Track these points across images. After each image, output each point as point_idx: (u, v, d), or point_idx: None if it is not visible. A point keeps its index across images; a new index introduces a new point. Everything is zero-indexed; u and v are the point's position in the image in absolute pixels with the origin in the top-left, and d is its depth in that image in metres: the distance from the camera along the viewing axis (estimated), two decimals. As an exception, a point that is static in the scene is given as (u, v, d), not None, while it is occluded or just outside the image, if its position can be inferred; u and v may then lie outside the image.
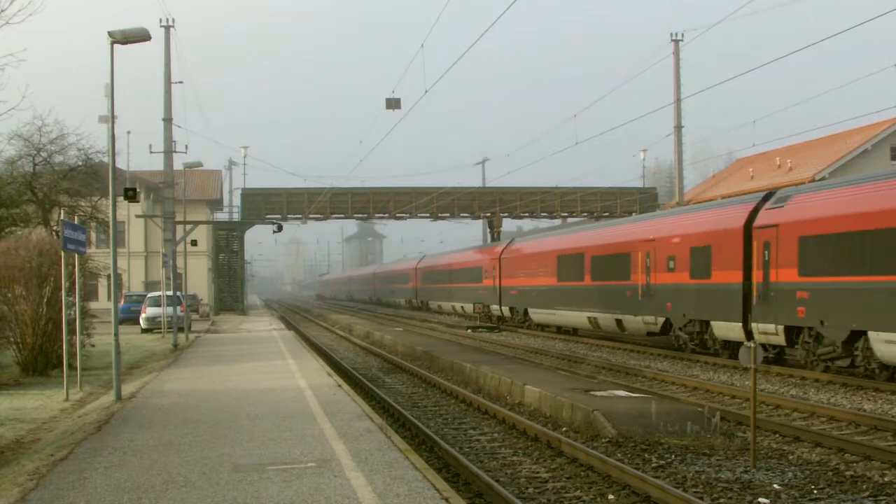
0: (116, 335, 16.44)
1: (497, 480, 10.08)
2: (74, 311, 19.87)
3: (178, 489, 8.61)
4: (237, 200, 67.62)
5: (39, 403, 16.70)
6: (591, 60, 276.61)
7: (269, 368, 20.90)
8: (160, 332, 36.64)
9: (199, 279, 60.82)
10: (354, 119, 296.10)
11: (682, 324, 24.25)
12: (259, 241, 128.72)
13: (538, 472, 10.83)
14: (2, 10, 17.53)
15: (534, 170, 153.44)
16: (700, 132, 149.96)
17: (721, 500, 9.29)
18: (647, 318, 26.13)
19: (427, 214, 62.39)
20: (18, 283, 20.93)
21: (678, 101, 49.53)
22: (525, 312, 37.72)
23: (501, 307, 41.32)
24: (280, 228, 46.36)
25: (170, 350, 28.43)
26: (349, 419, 12.78)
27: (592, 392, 14.99)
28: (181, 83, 78.75)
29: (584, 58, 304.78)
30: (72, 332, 19.06)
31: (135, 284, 58.78)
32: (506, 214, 62.97)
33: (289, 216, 60.63)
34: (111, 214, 17.58)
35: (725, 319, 21.85)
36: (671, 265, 24.70)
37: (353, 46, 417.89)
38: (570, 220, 65.14)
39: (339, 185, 61.20)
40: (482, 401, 16.15)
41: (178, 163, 46.60)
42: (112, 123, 17.40)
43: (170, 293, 34.81)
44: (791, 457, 11.49)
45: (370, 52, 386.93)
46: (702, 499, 9.24)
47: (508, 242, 44.56)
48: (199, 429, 12.16)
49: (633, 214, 52.94)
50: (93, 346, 23.53)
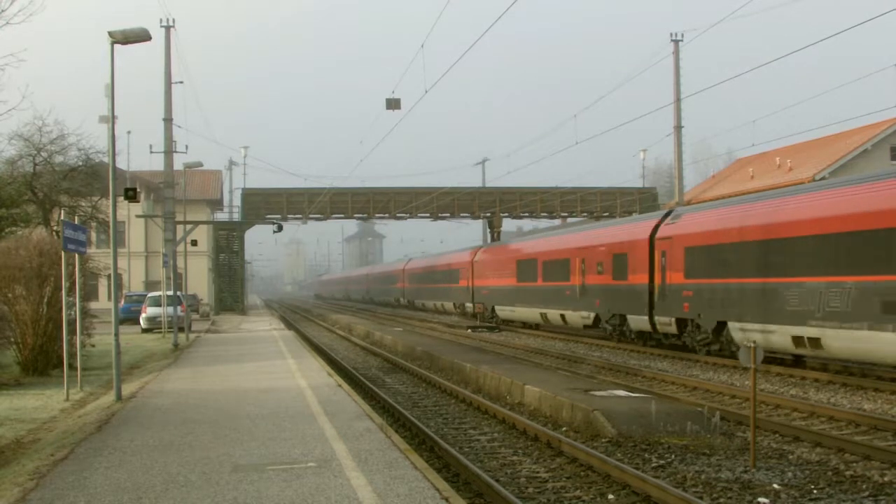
0: (116, 335, 16.44)
1: (497, 480, 10.08)
2: (75, 311, 19.88)
3: (179, 489, 8.61)
4: (237, 200, 67.73)
5: (39, 403, 16.70)
6: (591, 60, 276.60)
7: (270, 368, 20.91)
8: (160, 332, 36.66)
9: (200, 279, 60.85)
10: (354, 119, 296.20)
11: (608, 317, 28.95)
12: (259, 241, 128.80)
13: (538, 472, 10.84)
14: (2, 10, 17.55)
15: (534, 170, 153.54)
16: (700, 132, 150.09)
17: (721, 500, 9.30)
18: (583, 314, 30.95)
19: (427, 214, 62.37)
20: (19, 283, 20.93)
21: (678, 101, 49.56)
22: (492, 309, 42.76)
23: (474, 305, 46.94)
24: (280, 228, 46.38)
25: (170, 350, 28.44)
26: (349, 419, 12.79)
27: (592, 392, 15.00)
28: (181, 83, 78.88)
29: (585, 58, 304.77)
30: (72, 332, 19.06)
31: (135, 284, 58.82)
32: (506, 214, 62.93)
33: (289, 216, 60.60)
34: (111, 214, 17.59)
35: (637, 313, 26.36)
36: (599, 269, 29.41)
37: (353, 46, 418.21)
38: (570, 220, 65.16)
39: (339, 185, 61.19)
40: (482, 401, 16.15)
41: (179, 163, 46.68)
42: (112, 123, 17.38)
43: (170, 293, 34.83)
44: (791, 457, 11.49)
45: (370, 52, 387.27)
46: (702, 499, 9.24)
47: (479, 248, 50.13)
48: (200, 429, 12.17)
49: (634, 214, 53.09)
50: (93, 346, 23.53)
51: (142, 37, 16.63)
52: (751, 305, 20.58)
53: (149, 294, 44.34)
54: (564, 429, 13.38)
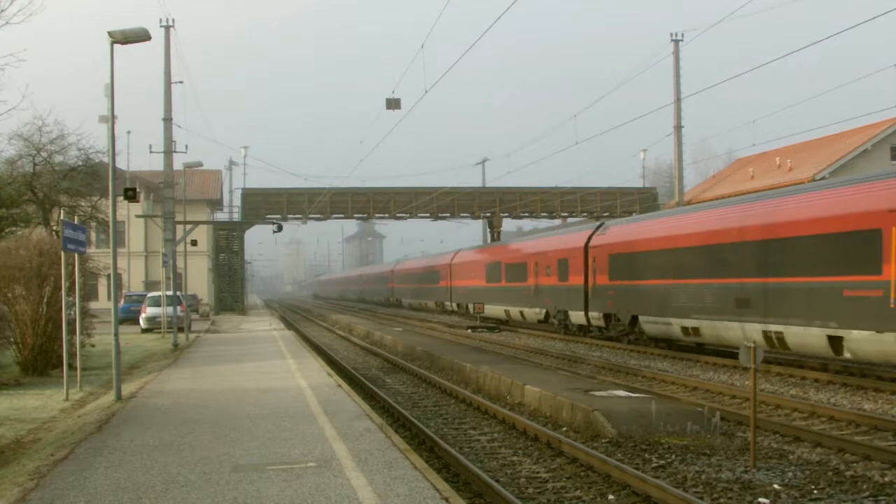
0: (116, 335, 16.43)
1: (497, 480, 10.08)
2: (74, 311, 19.88)
3: (179, 489, 8.61)
4: (237, 200, 67.67)
5: (39, 403, 16.70)
6: (591, 60, 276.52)
7: (269, 368, 20.91)
8: (160, 332, 36.65)
9: (199, 279, 60.84)
10: (354, 119, 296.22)
11: (555, 313, 33.76)
12: (259, 241, 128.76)
13: (538, 472, 10.83)
14: (2, 10, 17.52)
15: (534, 170, 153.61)
16: (700, 132, 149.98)
17: (721, 500, 9.29)
18: (536, 310, 36.15)
19: (427, 214, 62.37)
20: (18, 283, 20.93)
21: (678, 101, 49.56)
22: (467, 307, 47.33)
23: (453, 303, 52.58)
24: (280, 228, 46.34)
25: (170, 350, 28.44)
26: (349, 419, 12.78)
27: (592, 392, 14.99)
28: (181, 83, 78.91)
29: (585, 58, 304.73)
30: (72, 332, 19.06)
31: (135, 284, 58.80)
32: (506, 214, 62.93)
33: (289, 216, 60.60)
34: (111, 214, 17.56)
35: (576, 309, 31.17)
36: (548, 272, 34.15)
37: (353, 46, 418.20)
38: (570, 220, 65.13)
39: (339, 185, 61.19)
40: (482, 401, 16.15)
41: (178, 163, 46.66)
42: (112, 123, 17.39)
43: (170, 293, 34.82)
44: (791, 457, 11.48)
45: (370, 52, 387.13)
46: (702, 499, 9.24)
47: (457, 252, 54.78)
48: (200, 429, 12.16)
49: (634, 214, 53.14)
50: (93, 346, 23.53)
51: (141, 37, 16.64)
52: (654, 302, 25.12)
53: (148, 294, 44.32)
54: (564, 429, 13.37)
